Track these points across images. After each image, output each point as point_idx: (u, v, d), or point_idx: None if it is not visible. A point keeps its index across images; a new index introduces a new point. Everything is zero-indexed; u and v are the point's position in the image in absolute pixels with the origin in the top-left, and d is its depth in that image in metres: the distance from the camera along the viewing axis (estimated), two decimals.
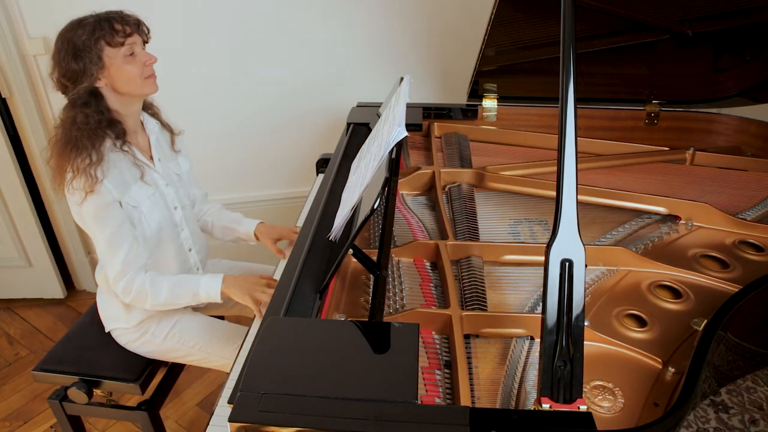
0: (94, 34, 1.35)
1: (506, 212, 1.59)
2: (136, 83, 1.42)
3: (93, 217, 1.42)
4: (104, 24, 1.36)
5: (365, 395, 0.84)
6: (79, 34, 1.35)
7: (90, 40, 1.35)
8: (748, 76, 1.86)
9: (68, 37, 1.36)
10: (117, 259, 1.45)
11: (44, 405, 2.17)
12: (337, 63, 2.44)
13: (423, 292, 1.29)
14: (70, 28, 1.38)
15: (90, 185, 1.37)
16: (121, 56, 1.39)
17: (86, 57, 1.35)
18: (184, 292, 1.52)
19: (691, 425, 2.00)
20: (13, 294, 2.70)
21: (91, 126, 1.38)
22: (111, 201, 1.41)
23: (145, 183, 1.50)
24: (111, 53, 1.38)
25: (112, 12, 1.40)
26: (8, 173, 2.38)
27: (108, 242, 1.44)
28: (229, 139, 2.53)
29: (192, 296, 1.52)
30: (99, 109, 1.40)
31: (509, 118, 2.05)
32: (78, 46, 1.35)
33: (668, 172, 1.79)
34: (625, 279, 1.35)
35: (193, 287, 1.52)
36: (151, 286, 1.48)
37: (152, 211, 1.51)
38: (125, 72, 1.40)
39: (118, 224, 1.43)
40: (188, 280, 1.54)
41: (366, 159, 1.36)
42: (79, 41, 1.35)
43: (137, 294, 1.49)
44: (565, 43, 1.04)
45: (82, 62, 1.36)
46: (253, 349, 0.94)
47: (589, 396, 1.04)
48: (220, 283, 1.52)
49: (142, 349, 1.64)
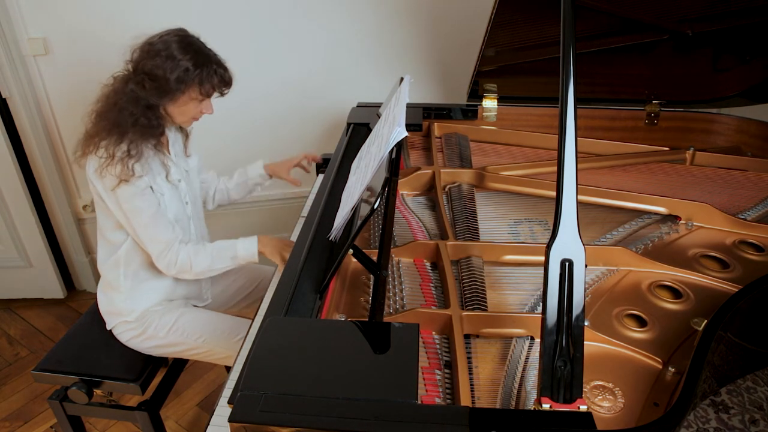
0: (200, 75, 1.44)
1: (506, 212, 1.59)
2: (185, 119, 1.55)
3: (133, 200, 1.48)
4: (212, 75, 1.47)
5: (365, 395, 0.84)
6: (189, 68, 1.43)
7: (194, 77, 1.44)
8: (748, 76, 1.86)
9: (179, 58, 1.42)
10: (161, 235, 1.53)
11: (44, 405, 2.17)
12: (337, 63, 2.44)
13: (423, 292, 1.29)
14: (185, 50, 1.43)
15: (126, 174, 1.44)
16: (196, 99, 1.50)
17: (181, 85, 1.44)
18: (223, 257, 1.59)
19: (691, 425, 2.00)
20: (13, 294, 2.70)
21: (145, 125, 1.46)
22: (145, 186, 1.49)
23: (167, 180, 1.58)
24: (193, 95, 1.48)
25: (222, 65, 1.51)
26: (8, 173, 2.38)
27: (148, 222, 1.51)
28: (229, 139, 2.53)
29: (231, 259, 1.60)
30: (157, 115, 1.49)
31: (509, 118, 2.05)
32: (182, 76, 1.43)
33: (668, 172, 1.79)
34: (625, 279, 1.35)
35: (231, 251, 1.59)
36: (194, 256, 1.56)
37: (171, 202, 1.58)
38: (186, 109, 1.51)
39: (156, 205, 1.51)
40: (226, 245, 1.60)
41: (366, 159, 1.36)
42: (185, 74, 1.43)
43: (181, 265, 1.55)
44: (565, 43, 1.04)
45: (176, 86, 1.44)
46: (254, 349, 0.94)
47: (589, 396, 1.04)
48: (256, 244, 1.60)
49: (144, 345, 1.65)
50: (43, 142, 2.40)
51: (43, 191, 2.53)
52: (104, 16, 2.20)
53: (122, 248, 1.59)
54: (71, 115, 2.34)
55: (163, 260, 1.55)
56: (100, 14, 2.18)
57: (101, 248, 1.64)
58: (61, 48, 2.25)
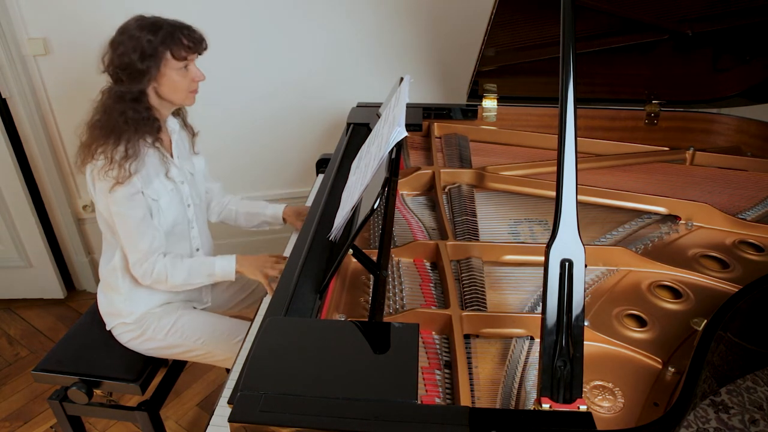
0: (164, 43, 1.42)
1: (506, 212, 1.59)
2: (181, 95, 1.51)
3: (122, 204, 1.47)
4: (176, 36, 1.44)
5: (365, 395, 0.84)
6: (150, 39, 1.41)
7: (159, 48, 1.42)
8: (748, 76, 1.86)
9: (138, 37, 1.41)
10: (142, 244, 1.51)
11: (44, 405, 2.17)
12: (337, 63, 2.44)
13: (423, 292, 1.29)
14: (140, 28, 1.42)
15: (122, 177, 1.43)
16: (177, 68, 1.46)
17: (151, 61, 1.42)
18: (200, 273, 1.58)
19: (691, 425, 2.00)
20: (13, 294, 2.70)
21: (137, 120, 1.45)
22: (136, 191, 1.48)
23: (167, 178, 1.57)
24: (171, 64, 1.45)
25: (183, 26, 1.47)
26: (8, 173, 2.38)
27: (133, 228, 1.50)
28: (230, 139, 2.53)
29: (207, 276, 1.59)
30: (145, 105, 1.48)
31: (509, 118, 2.05)
32: (146, 49, 1.41)
33: (668, 172, 1.79)
34: (625, 279, 1.35)
35: (208, 268, 1.59)
36: (170, 269, 1.55)
37: (170, 206, 1.57)
38: (175, 83, 1.48)
39: (144, 212, 1.50)
40: (204, 261, 1.60)
41: (366, 159, 1.36)
42: (148, 46, 1.41)
43: (157, 276, 1.54)
44: (565, 43, 1.04)
45: (146, 65, 1.42)
46: (254, 349, 0.94)
47: (589, 396, 1.04)
48: (234, 263, 1.59)
49: (143, 346, 1.65)
50: (43, 142, 2.40)
51: (43, 191, 2.53)
52: (104, 16, 2.19)
53: (119, 251, 1.59)
54: (71, 115, 2.33)
55: (139, 269, 1.54)
56: (100, 14, 2.18)
57: (103, 250, 1.65)
58: (61, 48, 2.25)
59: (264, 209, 1.87)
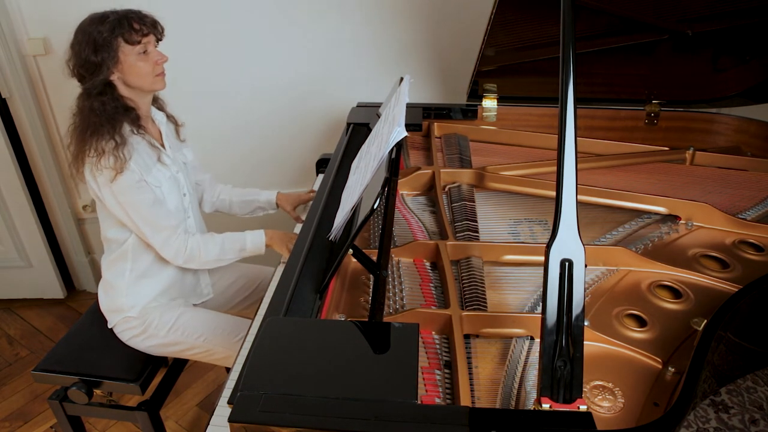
0: (114, 31, 1.44)
1: (506, 212, 1.59)
2: (147, 79, 1.52)
3: (129, 193, 1.49)
4: (124, 22, 1.45)
5: (365, 395, 0.84)
6: (100, 30, 1.43)
7: (110, 37, 1.44)
8: (748, 76, 1.86)
9: (89, 31, 1.44)
10: (163, 222, 1.54)
11: (44, 405, 2.17)
12: (337, 63, 2.44)
13: (423, 292, 1.29)
14: (90, 23, 1.46)
15: (120, 165, 1.45)
16: (135, 53, 1.47)
17: (104, 52, 1.44)
18: (232, 249, 1.63)
19: (691, 425, 2.00)
20: (13, 294, 2.70)
21: (109, 111, 1.47)
22: (139, 178, 1.50)
23: (163, 164, 1.58)
24: (127, 50, 1.46)
25: (132, 11, 1.49)
26: (8, 173, 2.38)
27: (148, 213, 1.52)
28: (229, 139, 2.53)
29: (239, 251, 1.64)
30: (114, 96, 1.49)
31: (509, 118, 2.05)
32: (98, 41, 1.43)
33: (668, 172, 1.79)
34: (625, 279, 1.35)
35: (240, 243, 1.63)
36: (203, 245, 1.59)
37: (170, 193, 1.59)
38: (137, 68, 1.49)
39: (152, 195, 1.53)
40: (235, 237, 1.64)
41: (366, 159, 1.36)
42: (99, 37, 1.43)
43: (190, 253, 1.58)
44: (565, 43, 1.04)
45: (100, 56, 1.44)
46: (254, 349, 0.94)
47: (589, 396, 1.04)
48: (264, 237, 1.65)
49: (145, 344, 1.65)
50: (43, 142, 2.40)
51: (43, 191, 2.53)
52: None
53: (129, 243, 1.60)
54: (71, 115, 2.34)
55: (169, 248, 1.56)
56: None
57: (105, 250, 1.66)
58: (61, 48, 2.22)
59: (257, 195, 1.91)
